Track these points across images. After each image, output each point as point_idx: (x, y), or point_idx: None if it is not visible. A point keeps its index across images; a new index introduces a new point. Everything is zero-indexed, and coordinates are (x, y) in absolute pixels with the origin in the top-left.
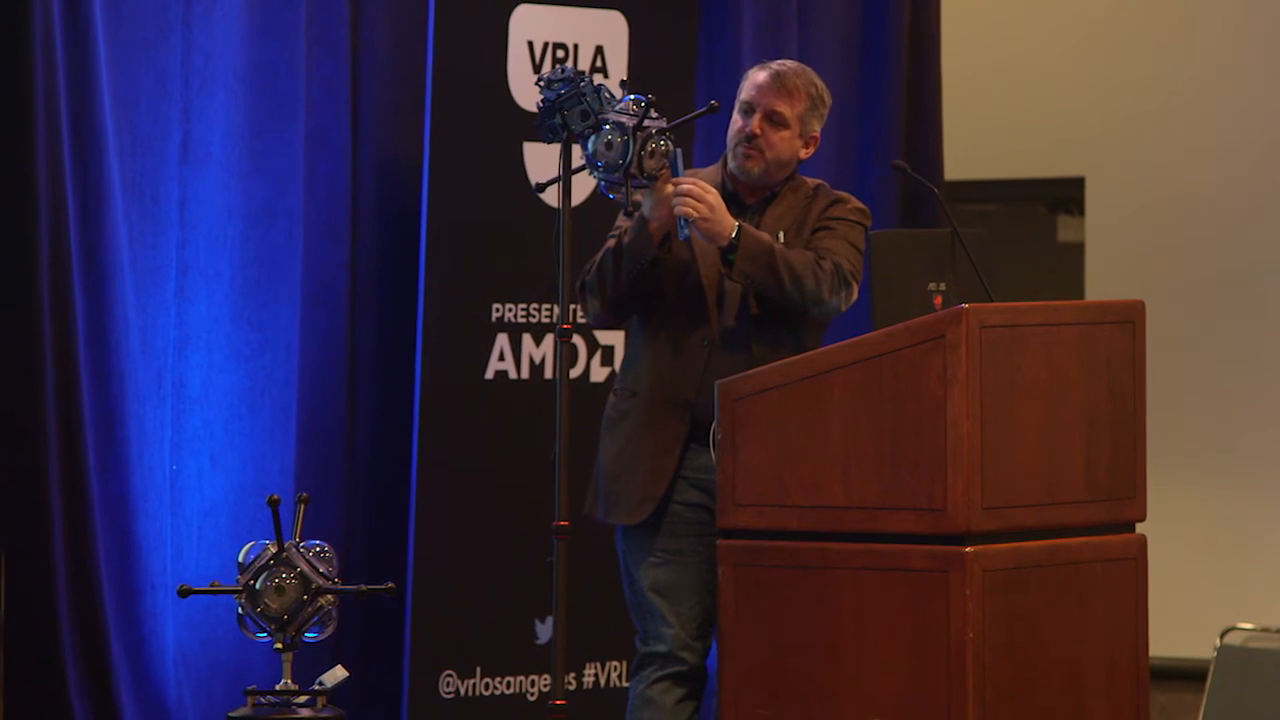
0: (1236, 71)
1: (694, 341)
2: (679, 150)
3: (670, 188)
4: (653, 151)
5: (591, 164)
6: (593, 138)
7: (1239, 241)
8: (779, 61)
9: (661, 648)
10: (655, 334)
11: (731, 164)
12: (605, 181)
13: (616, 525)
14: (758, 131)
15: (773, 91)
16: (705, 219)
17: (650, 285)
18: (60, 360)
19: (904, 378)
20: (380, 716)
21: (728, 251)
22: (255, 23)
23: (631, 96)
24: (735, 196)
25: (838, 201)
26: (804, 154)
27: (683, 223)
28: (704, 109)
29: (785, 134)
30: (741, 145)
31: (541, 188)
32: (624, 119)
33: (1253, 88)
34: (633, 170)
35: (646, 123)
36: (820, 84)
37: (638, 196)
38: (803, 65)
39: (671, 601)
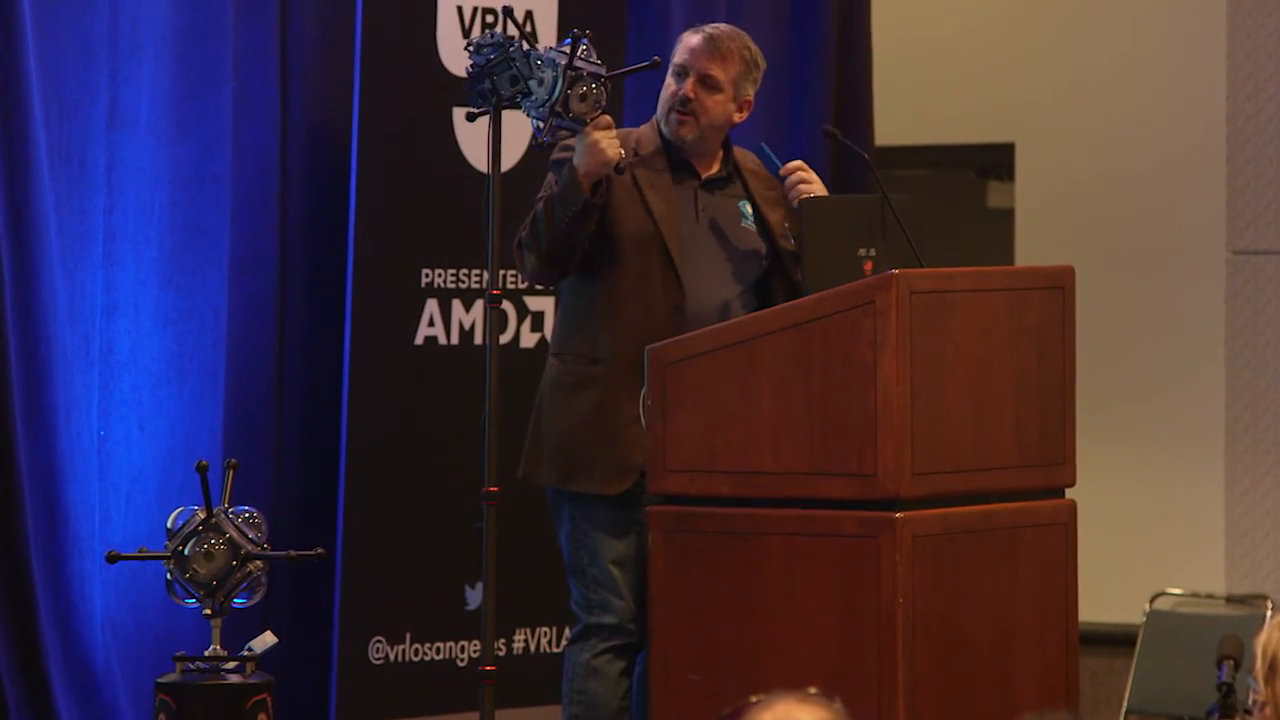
0: (1167, 40)
1: (665, 309)
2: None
3: (600, 134)
4: (583, 95)
5: (526, 103)
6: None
7: (1168, 207)
8: (713, 25)
9: (610, 619)
10: (619, 300)
11: (664, 129)
12: (536, 121)
13: (568, 492)
14: (691, 95)
15: (706, 54)
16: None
17: (585, 238)
18: None
19: (834, 343)
20: (310, 682)
21: None
22: None
23: (572, 35)
24: (687, 165)
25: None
26: (738, 118)
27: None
28: (645, 63)
29: (719, 97)
30: (675, 110)
31: (473, 117)
32: (557, 56)
33: (1182, 57)
34: (558, 109)
35: (578, 63)
36: (754, 47)
37: (566, 136)
38: (736, 29)
39: (627, 573)
